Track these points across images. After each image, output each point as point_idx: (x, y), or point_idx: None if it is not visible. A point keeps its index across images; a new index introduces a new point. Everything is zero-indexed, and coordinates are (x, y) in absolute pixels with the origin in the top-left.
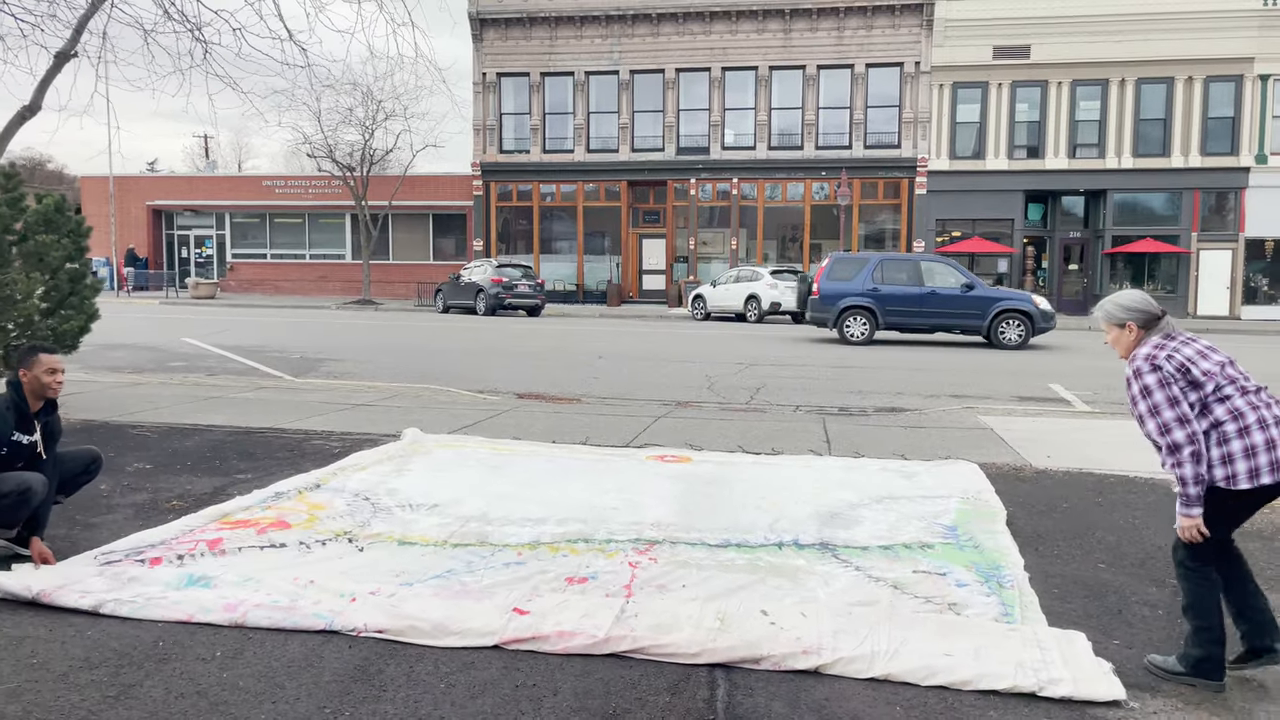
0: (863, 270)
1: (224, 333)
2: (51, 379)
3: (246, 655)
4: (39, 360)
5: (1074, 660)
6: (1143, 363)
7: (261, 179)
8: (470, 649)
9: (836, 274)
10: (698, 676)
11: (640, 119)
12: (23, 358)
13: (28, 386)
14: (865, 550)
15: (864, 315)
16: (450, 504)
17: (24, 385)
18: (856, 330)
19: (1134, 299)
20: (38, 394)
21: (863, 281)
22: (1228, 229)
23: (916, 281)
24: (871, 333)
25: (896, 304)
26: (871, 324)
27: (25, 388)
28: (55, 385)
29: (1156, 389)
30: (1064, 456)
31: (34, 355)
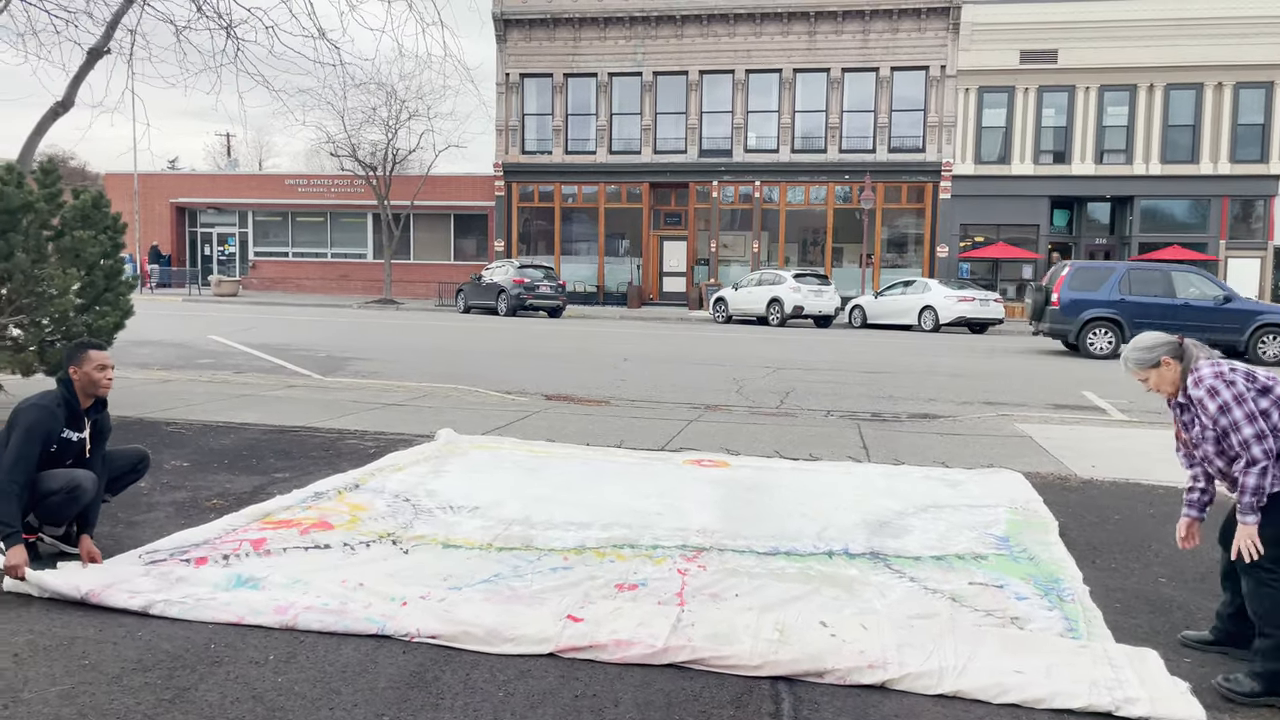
0: (1108, 280)
1: (249, 330)
2: (101, 375)
3: (299, 659)
4: (89, 357)
5: (1149, 679)
6: (1215, 381)
7: (284, 177)
8: (525, 656)
9: (1078, 283)
10: (760, 689)
11: (663, 121)
12: (72, 354)
13: (78, 384)
14: (918, 560)
15: (1109, 328)
16: (491, 507)
17: (74, 382)
18: (1101, 343)
19: (1153, 337)
20: (88, 391)
21: (1108, 291)
22: (1256, 237)
23: (1168, 293)
24: (1116, 346)
25: (1146, 316)
26: (1118, 337)
27: (75, 385)
28: (105, 382)
29: (1235, 405)
30: (1109, 466)
31: (83, 352)
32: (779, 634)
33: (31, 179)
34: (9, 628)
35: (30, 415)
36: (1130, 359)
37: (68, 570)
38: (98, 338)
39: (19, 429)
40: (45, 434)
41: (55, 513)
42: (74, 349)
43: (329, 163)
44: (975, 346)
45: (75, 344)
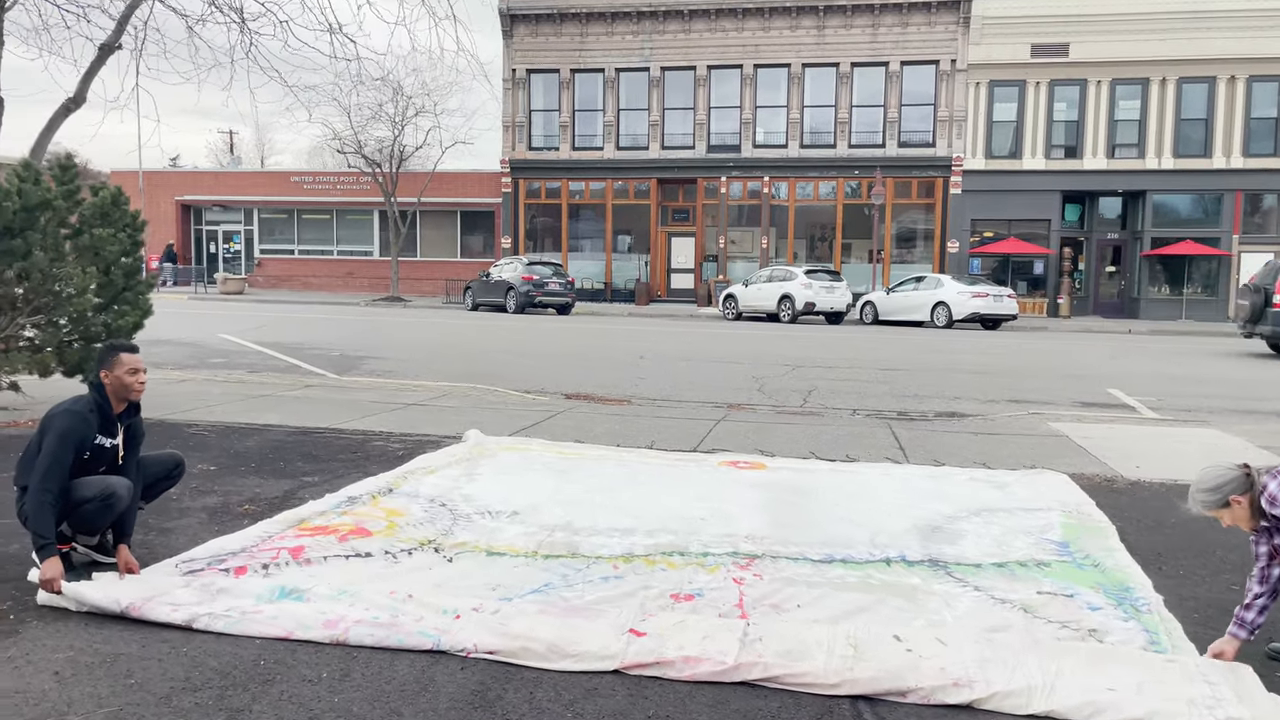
0: None
1: (260, 329)
2: (134, 379)
3: (354, 676)
4: (120, 360)
5: (1247, 696)
6: None
7: (289, 174)
8: (588, 673)
9: None
10: (840, 710)
11: (671, 116)
12: (103, 358)
13: (110, 388)
14: (979, 568)
15: None
16: (530, 511)
17: (106, 386)
18: None
19: (1215, 476)
20: (120, 395)
21: None
22: (1269, 231)
23: None
24: None
25: None
26: None
27: (107, 389)
28: (138, 386)
29: None
30: (1154, 467)
31: (115, 355)
32: (853, 649)
33: (49, 176)
34: (48, 644)
35: (63, 421)
36: (1198, 501)
37: (105, 582)
38: (117, 338)
39: (51, 435)
40: (79, 441)
41: (89, 521)
42: (105, 352)
43: (331, 160)
44: (994, 344)
45: (106, 347)
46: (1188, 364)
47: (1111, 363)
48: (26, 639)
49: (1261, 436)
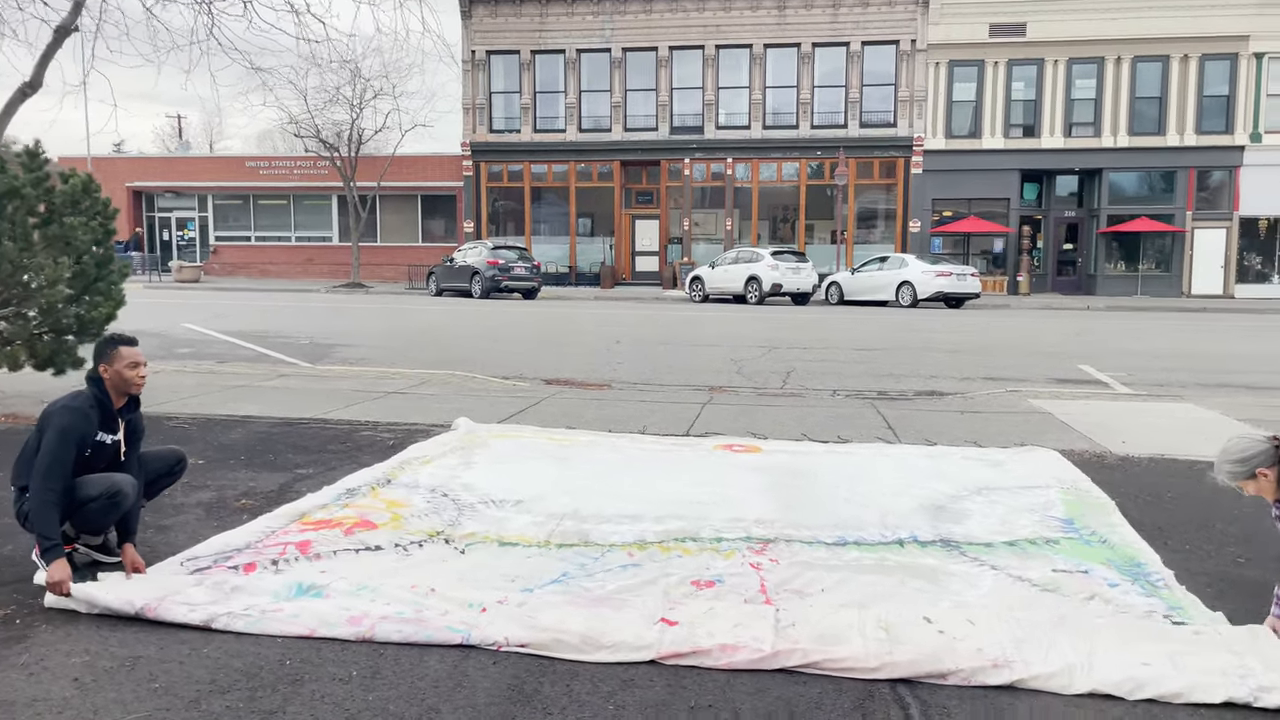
0: None
1: (222, 318)
2: (134, 373)
3: (384, 674)
4: (119, 354)
5: (1273, 664)
6: None
7: (244, 159)
8: (624, 664)
9: None
10: (882, 694)
11: (633, 98)
12: (101, 352)
13: (109, 382)
14: (990, 547)
15: None
16: (535, 500)
17: (105, 381)
18: None
19: (1242, 446)
20: (121, 390)
21: None
22: (1222, 208)
23: None
24: None
25: None
26: None
27: (106, 383)
28: (139, 380)
29: None
30: (1139, 442)
31: (114, 349)
32: (885, 632)
33: (16, 164)
34: (62, 648)
35: (62, 418)
36: (1224, 471)
37: (114, 583)
38: (89, 330)
39: (51, 433)
40: (79, 438)
41: (94, 520)
42: (103, 345)
43: (282, 144)
44: (961, 322)
45: (104, 340)
46: (1151, 340)
47: (1078, 339)
48: (38, 644)
49: (1235, 409)
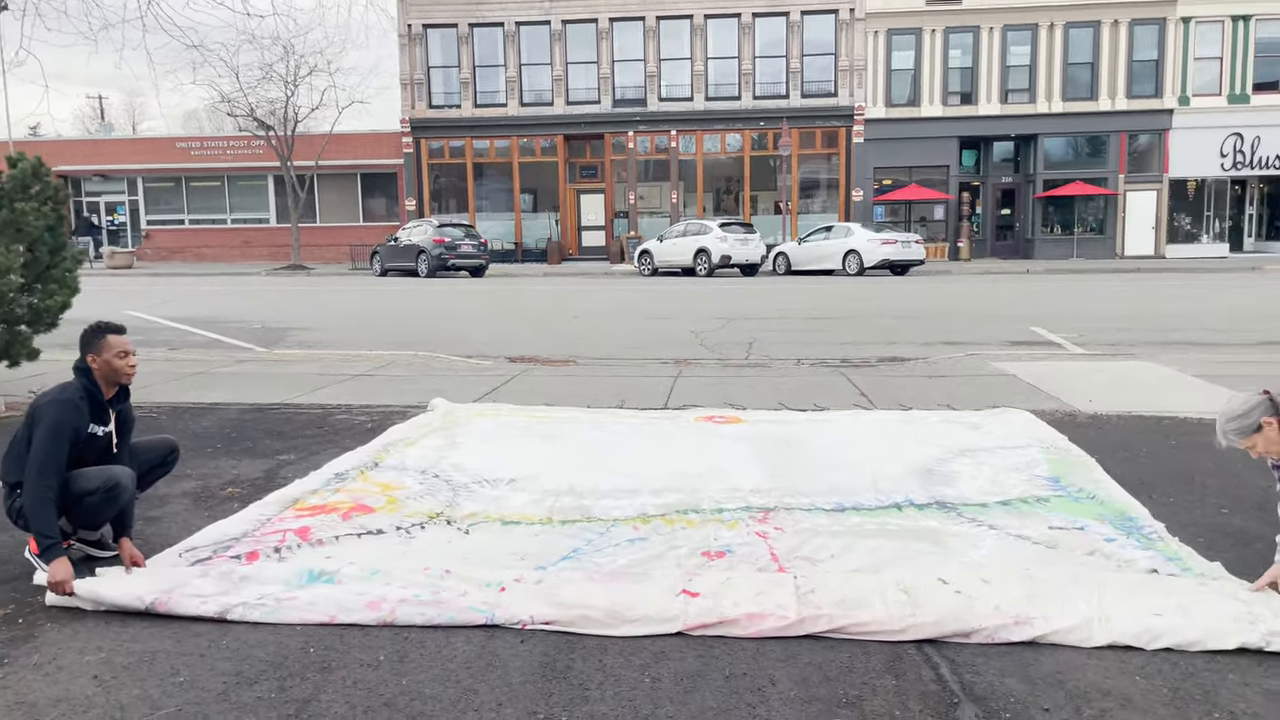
0: None
1: (165, 304)
2: (124, 362)
3: (412, 657)
4: (108, 343)
5: (1277, 609)
6: None
7: (175, 140)
8: (651, 637)
9: None
10: (910, 656)
11: (574, 71)
12: (89, 341)
13: (98, 372)
14: (985, 507)
15: None
16: (528, 478)
17: (94, 371)
18: None
19: (1242, 401)
20: (110, 380)
21: None
22: (1152, 170)
23: None
24: None
25: None
26: None
27: (95, 374)
28: (129, 369)
29: None
30: (1106, 401)
31: (101, 338)
32: (905, 595)
33: None
34: (73, 646)
35: (54, 412)
36: (1228, 430)
37: (117, 578)
38: (43, 319)
39: (43, 428)
40: (72, 431)
41: (92, 515)
42: (90, 335)
43: (209, 124)
44: (910, 289)
45: (92, 329)
46: (1095, 302)
47: (1026, 302)
48: (47, 643)
49: (1189, 365)
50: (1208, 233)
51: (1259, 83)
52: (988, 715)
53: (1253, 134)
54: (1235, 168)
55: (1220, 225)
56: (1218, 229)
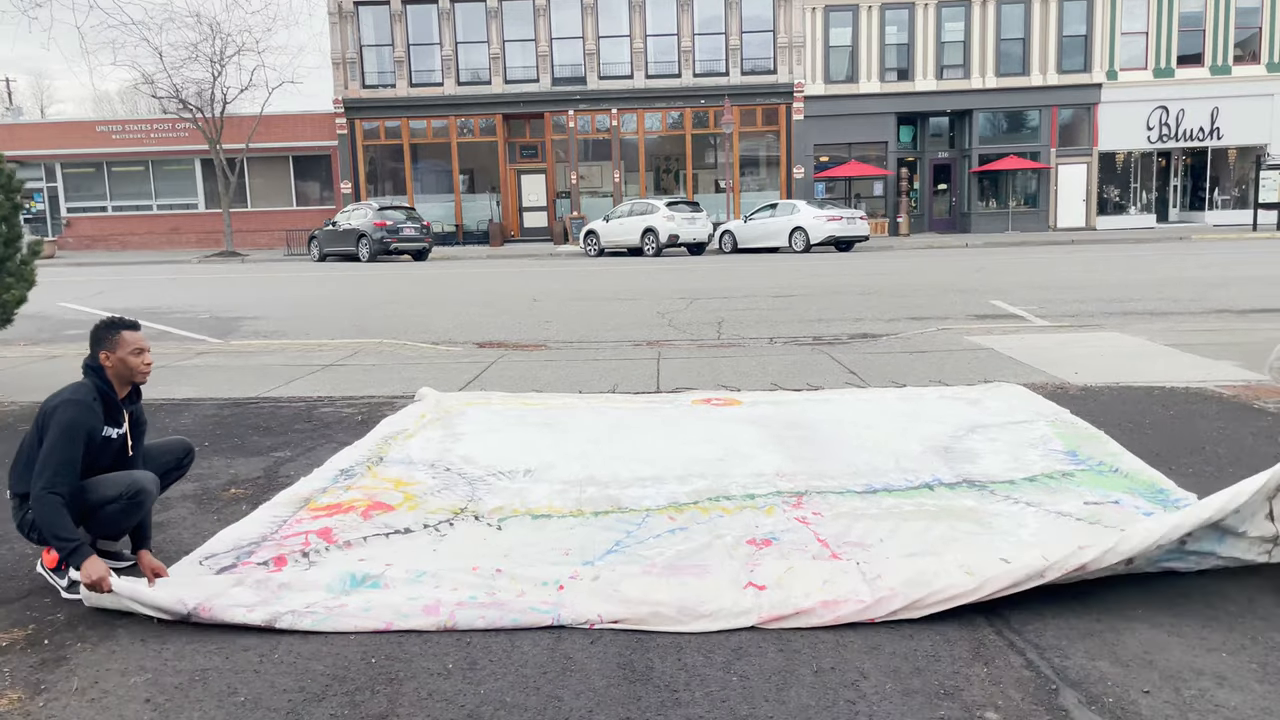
0: None
1: (100, 295)
2: (139, 360)
3: (482, 664)
4: (122, 339)
5: None
6: None
7: (95, 124)
8: (724, 632)
9: None
10: (992, 642)
11: (511, 49)
12: (101, 337)
13: (111, 370)
14: (1013, 484)
15: None
16: (544, 469)
17: (107, 369)
18: None
19: None
20: (124, 379)
21: None
22: (1082, 144)
23: None
24: None
25: None
26: None
27: (109, 372)
28: (144, 367)
29: None
30: (1090, 372)
31: (115, 333)
32: (969, 575)
33: None
34: (113, 668)
35: (67, 413)
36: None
37: (136, 585)
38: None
39: (55, 430)
40: (87, 433)
41: (113, 523)
42: (103, 331)
43: (121, 106)
44: (861, 265)
45: (104, 324)
46: (1045, 273)
47: (978, 276)
48: (83, 665)
49: (1158, 335)
50: (1135, 204)
51: (1182, 55)
52: (1090, 700)
53: (1177, 107)
54: (1161, 140)
55: (1147, 196)
56: (1145, 200)
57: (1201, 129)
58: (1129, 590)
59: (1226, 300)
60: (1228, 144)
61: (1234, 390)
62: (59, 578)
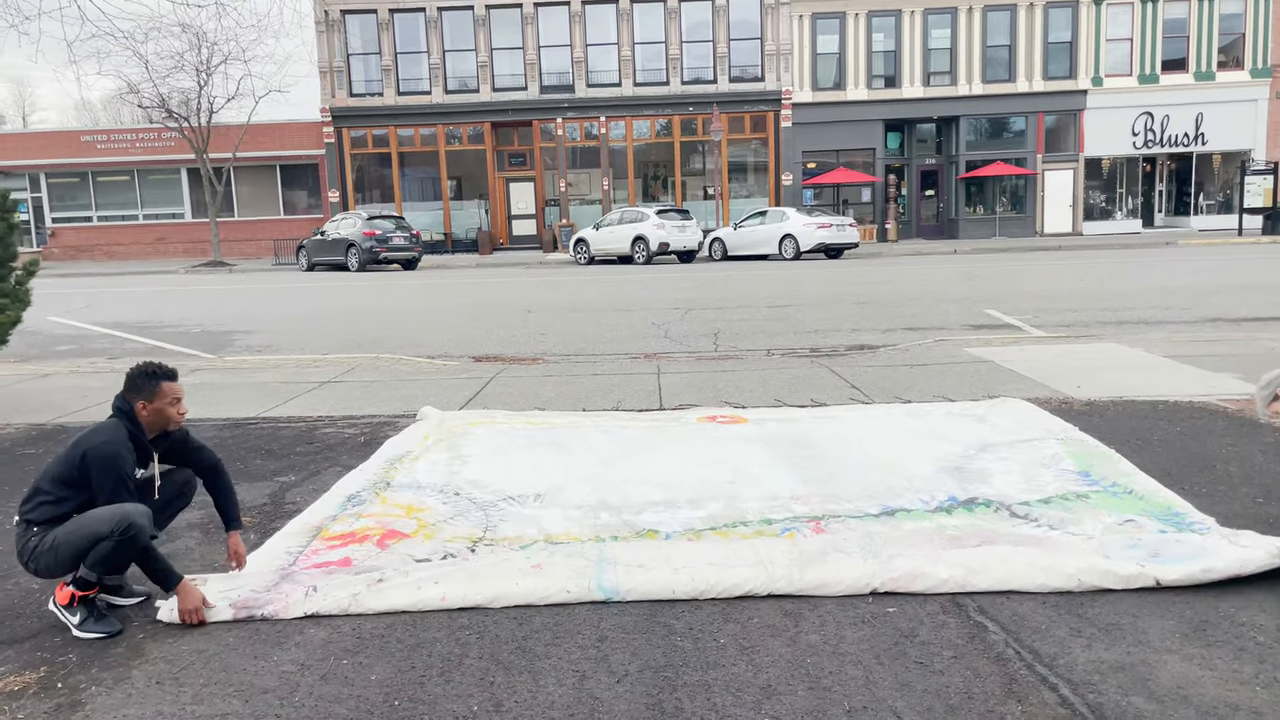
0: None
1: (88, 308)
2: (175, 410)
3: (614, 644)
4: (163, 390)
5: None
6: None
7: (80, 134)
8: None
9: None
10: (1023, 677)
11: (500, 57)
12: (139, 386)
13: (147, 419)
14: (1029, 505)
15: None
16: (553, 493)
17: (140, 417)
18: None
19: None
20: (158, 426)
21: None
22: (1069, 149)
23: None
24: None
25: None
26: None
27: (143, 420)
28: (179, 417)
29: None
30: (1093, 386)
31: (156, 384)
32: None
33: None
34: (132, 713)
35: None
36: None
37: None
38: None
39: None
40: (127, 477)
41: (108, 562)
42: (141, 379)
43: (104, 115)
44: (853, 273)
45: (144, 374)
46: (1038, 281)
47: (968, 284)
48: (98, 711)
49: (1154, 346)
50: (1121, 209)
51: (1167, 61)
52: None
53: (1162, 113)
54: (1146, 145)
55: (1133, 202)
56: (1130, 205)
57: (1186, 134)
58: (1153, 617)
59: (1219, 308)
60: (1212, 149)
61: (1238, 405)
62: (71, 615)
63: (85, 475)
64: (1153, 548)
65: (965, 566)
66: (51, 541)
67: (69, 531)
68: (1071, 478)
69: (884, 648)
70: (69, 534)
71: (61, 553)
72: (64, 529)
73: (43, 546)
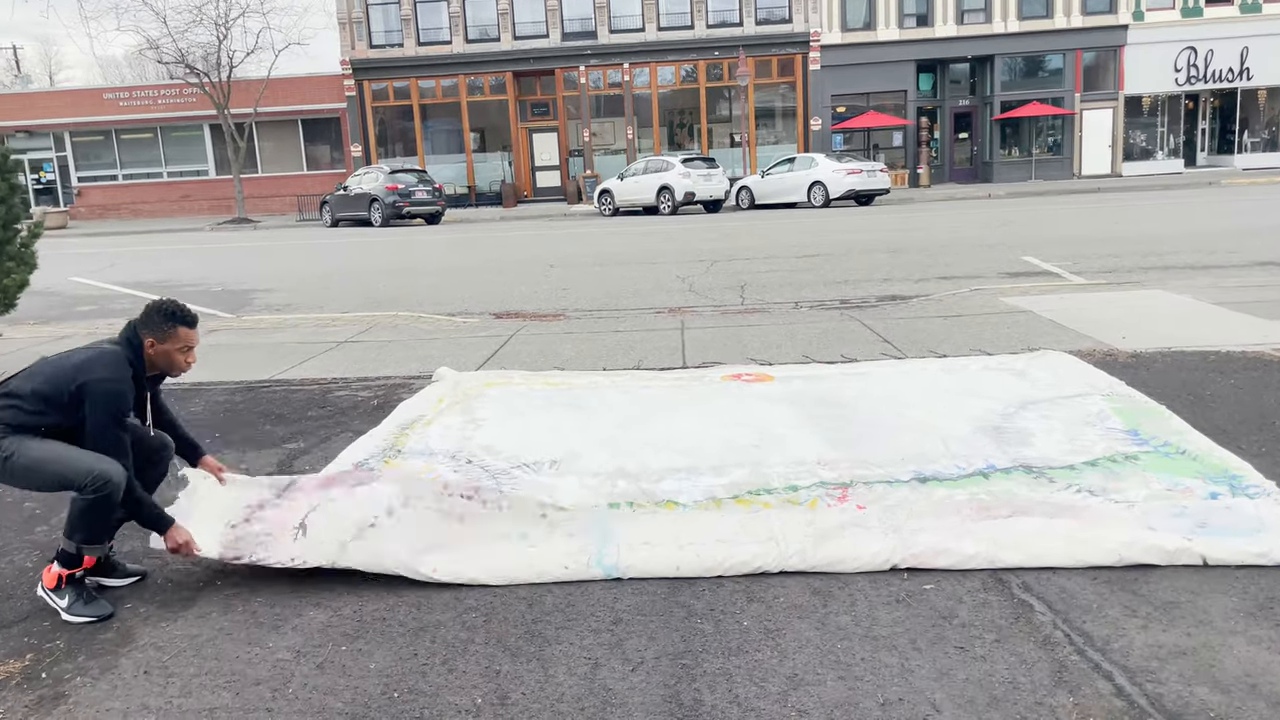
0: None
1: (112, 267)
2: (185, 358)
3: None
4: (177, 334)
5: None
6: None
7: (102, 91)
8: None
9: None
10: (1075, 665)
11: (520, 3)
12: (155, 324)
13: (151, 358)
14: (1074, 470)
15: None
16: (570, 459)
17: (147, 354)
18: None
19: None
20: (161, 368)
21: None
22: (1108, 88)
23: None
24: None
25: None
26: None
27: (149, 357)
28: (185, 366)
29: None
30: (1139, 336)
31: (173, 328)
32: None
33: None
34: (116, 706)
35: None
36: None
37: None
38: (1, 300)
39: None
40: (123, 416)
41: (82, 522)
42: (159, 317)
43: (129, 72)
44: (884, 221)
45: (163, 312)
46: (1075, 225)
47: (1004, 229)
48: (82, 703)
49: (1201, 292)
50: (1162, 149)
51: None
52: None
53: (1206, 47)
54: (1189, 82)
55: (1174, 141)
56: (1172, 145)
57: (1231, 69)
58: (1214, 594)
59: (1268, 251)
60: (1258, 85)
61: None
62: (59, 598)
63: (75, 404)
64: (1200, 516)
65: (994, 541)
66: (26, 458)
67: (45, 460)
68: (1119, 437)
69: (920, 630)
70: (43, 463)
71: (33, 477)
72: (42, 453)
73: (16, 459)
